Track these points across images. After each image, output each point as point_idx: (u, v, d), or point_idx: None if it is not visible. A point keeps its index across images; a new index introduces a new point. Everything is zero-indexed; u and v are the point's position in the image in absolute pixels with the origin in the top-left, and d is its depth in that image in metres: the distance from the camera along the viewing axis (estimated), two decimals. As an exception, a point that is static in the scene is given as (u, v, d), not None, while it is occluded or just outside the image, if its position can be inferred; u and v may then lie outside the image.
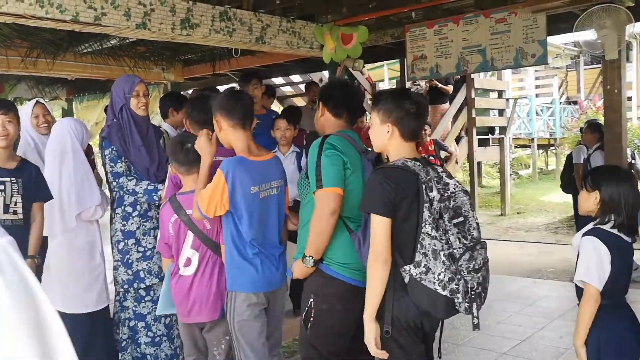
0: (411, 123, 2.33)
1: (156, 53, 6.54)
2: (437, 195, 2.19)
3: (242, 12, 4.74)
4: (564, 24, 5.53)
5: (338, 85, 2.94)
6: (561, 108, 17.66)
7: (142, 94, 3.61)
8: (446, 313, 2.21)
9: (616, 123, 5.21)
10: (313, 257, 2.55)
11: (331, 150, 2.55)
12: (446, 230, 2.18)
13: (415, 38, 5.84)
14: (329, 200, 2.48)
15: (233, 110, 2.79)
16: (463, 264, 2.16)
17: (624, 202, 2.37)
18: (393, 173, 2.23)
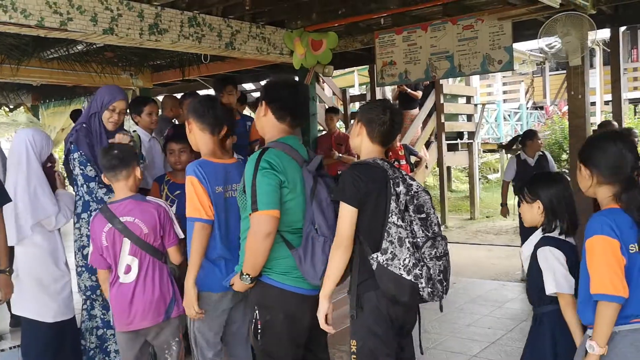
0: (380, 127, 2.52)
1: (124, 59, 6.46)
2: (403, 189, 2.42)
3: (211, 17, 4.72)
4: (529, 31, 5.65)
5: (285, 85, 2.77)
6: (528, 113, 18.00)
7: (118, 110, 3.61)
8: (411, 297, 2.36)
9: (580, 128, 5.33)
10: (250, 274, 2.56)
11: (267, 170, 2.49)
12: (411, 221, 2.40)
13: (385, 44, 5.89)
14: (263, 224, 2.47)
15: (205, 115, 2.86)
16: (426, 251, 2.38)
17: (564, 205, 2.45)
18: (365, 168, 2.45)
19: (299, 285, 2.57)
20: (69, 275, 3.59)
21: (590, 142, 2.38)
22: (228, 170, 2.86)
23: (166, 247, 3.04)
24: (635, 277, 2.14)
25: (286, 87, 2.73)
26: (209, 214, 2.73)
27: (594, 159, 2.27)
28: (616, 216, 2.16)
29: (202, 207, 2.71)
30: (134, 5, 4.12)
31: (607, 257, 2.11)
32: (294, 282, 2.57)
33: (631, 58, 17.66)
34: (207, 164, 2.80)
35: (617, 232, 2.12)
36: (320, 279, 2.48)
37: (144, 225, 2.95)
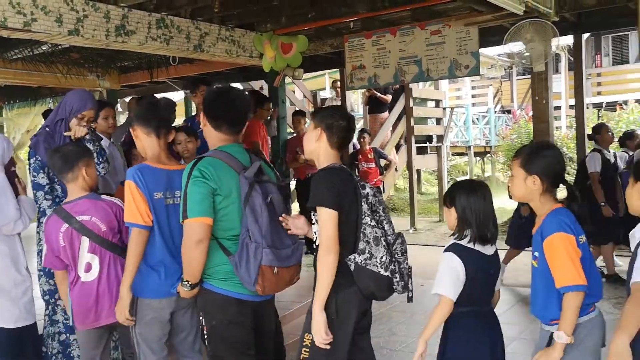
0: (338, 132, 2.56)
1: (90, 60, 6.37)
2: (370, 191, 2.53)
3: (179, 19, 4.69)
4: (495, 37, 5.75)
5: (218, 94, 2.76)
6: (496, 117, 18.27)
7: (86, 119, 3.51)
8: (387, 292, 2.49)
9: (544, 132, 5.45)
10: (190, 281, 2.59)
11: (198, 179, 2.52)
12: (382, 220, 2.52)
13: (354, 48, 5.93)
14: (193, 231, 2.50)
15: (149, 119, 2.84)
16: (397, 247, 2.51)
17: (474, 215, 2.50)
18: (335, 172, 2.49)
19: (239, 291, 2.59)
20: (30, 280, 3.52)
21: (537, 151, 2.44)
22: (170, 176, 2.83)
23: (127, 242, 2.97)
24: (589, 266, 2.30)
25: (219, 96, 2.74)
26: (146, 220, 2.70)
27: (543, 167, 2.36)
28: (567, 213, 2.34)
29: (138, 212, 2.70)
30: (100, 6, 4.07)
31: (569, 251, 2.24)
32: (234, 288, 2.59)
33: (595, 64, 18.12)
34: (147, 169, 2.77)
35: (572, 227, 2.28)
36: (253, 285, 2.50)
37: (101, 223, 2.93)
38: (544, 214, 2.36)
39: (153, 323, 2.82)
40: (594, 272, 2.35)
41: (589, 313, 2.32)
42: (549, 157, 2.39)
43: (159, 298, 2.80)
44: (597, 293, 2.35)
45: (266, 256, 2.50)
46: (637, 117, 10.34)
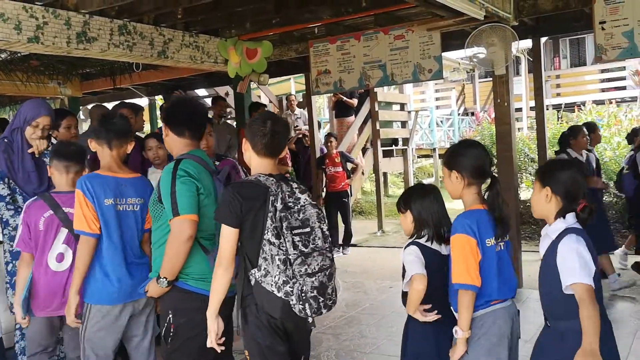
0: (261, 140, 2.53)
1: (51, 67, 6.25)
2: (279, 206, 2.42)
3: (142, 26, 4.65)
4: (457, 41, 5.85)
5: (178, 103, 2.95)
6: (460, 119, 18.57)
7: (42, 126, 3.46)
8: (282, 314, 2.40)
9: (506, 134, 5.56)
10: (167, 278, 2.65)
11: (186, 177, 2.62)
12: (285, 238, 2.40)
13: (319, 53, 5.97)
14: (184, 227, 2.58)
15: (101, 132, 2.96)
16: (296, 268, 2.37)
17: (430, 215, 2.67)
18: (242, 187, 2.48)
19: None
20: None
21: (456, 150, 2.61)
22: (122, 183, 2.94)
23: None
24: (492, 266, 2.45)
25: (180, 105, 2.91)
26: (92, 228, 2.80)
27: (461, 163, 2.53)
28: (478, 216, 2.46)
29: (85, 220, 2.79)
30: (60, 13, 4.01)
31: (465, 252, 2.41)
32: (209, 287, 2.60)
33: (553, 66, 18.58)
34: (95, 177, 2.88)
35: (475, 231, 2.42)
36: (234, 279, 2.54)
37: None
38: (462, 212, 2.53)
39: (102, 329, 2.87)
40: (504, 273, 2.50)
41: (490, 306, 2.47)
42: (465, 154, 2.54)
43: (111, 304, 2.87)
44: (507, 292, 2.50)
45: None
46: (595, 118, 10.62)
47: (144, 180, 3.10)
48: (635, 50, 4.66)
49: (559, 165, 2.51)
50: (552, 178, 2.38)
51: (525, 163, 9.88)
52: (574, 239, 2.27)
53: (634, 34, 4.63)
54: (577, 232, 2.29)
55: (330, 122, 10.89)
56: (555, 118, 12.60)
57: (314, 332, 4.87)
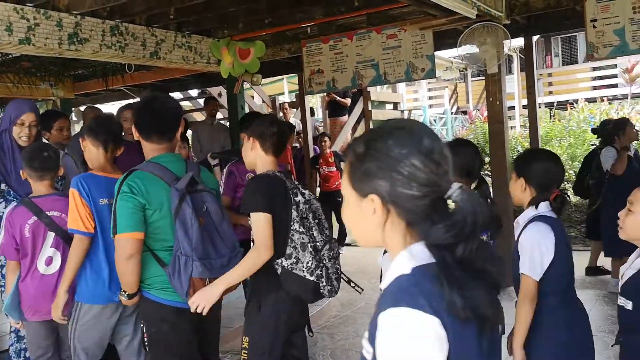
0: (271, 139, 2.71)
1: (43, 68, 6.22)
2: (302, 199, 2.66)
3: (134, 26, 4.63)
4: (449, 40, 5.86)
5: (143, 104, 2.80)
6: (453, 118, 18.62)
7: (27, 123, 3.44)
8: (313, 296, 2.63)
9: (499, 132, 5.59)
10: (127, 291, 2.65)
11: (126, 194, 2.52)
12: (310, 227, 2.64)
13: (312, 53, 5.96)
14: (123, 246, 2.54)
15: (98, 133, 2.95)
16: (325, 253, 2.64)
17: None
18: (266, 179, 2.64)
19: (177, 299, 2.63)
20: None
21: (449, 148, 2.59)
22: (115, 184, 2.83)
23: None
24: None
25: (144, 106, 2.76)
26: (87, 227, 2.80)
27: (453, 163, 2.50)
28: None
29: (80, 219, 2.78)
30: (51, 14, 3.99)
31: None
32: (171, 297, 2.64)
33: (545, 64, 18.65)
34: (90, 177, 2.88)
35: None
36: (186, 295, 2.54)
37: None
38: None
39: (92, 328, 2.89)
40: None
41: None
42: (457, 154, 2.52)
43: (101, 304, 2.88)
44: None
45: (196, 269, 2.51)
46: (587, 116, 10.68)
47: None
48: (627, 47, 4.68)
49: (532, 156, 2.54)
50: (526, 168, 2.43)
51: (518, 161, 9.92)
52: (535, 228, 2.30)
53: (625, 32, 4.66)
54: (544, 221, 2.31)
55: (323, 122, 10.88)
56: (548, 116, 12.65)
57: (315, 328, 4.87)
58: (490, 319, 1.12)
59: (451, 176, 1.17)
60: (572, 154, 9.05)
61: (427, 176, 1.12)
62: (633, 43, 4.64)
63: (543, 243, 2.27)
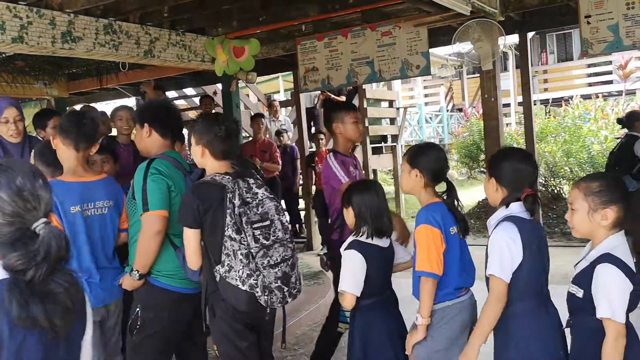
0: (219, 144, 2.64)
1: (37, 67, 6.19)
2: (237, 202, 2.51)
3: (128, 25, 4.61)
4: (444, 37, 5.85)
5: (163, 106, 3.05)
6: (448, 115, 18.65)
7: (12, 120, 3.38)
8: (248, 306, 2.51)
9: (494, 129, 5.58)
10: (139, 271, 2.76)
11: (157, 175, 2.72)
12: (245, 232, 2.50)
13: (306, 50, 5.95)
14: (154, 222, 2.69)
15: (69, 131, 2.89)
16: (259, 261, 2.48)
17: (369, 211, 2.72)
18: (199, 189, 2.57)
19: (183, 286, 2.82)
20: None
21: (420, 150, 2.70)
22: (89, 187, 2.89)
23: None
24: (456, 255, 2.54)
25: (165, 108, 3.01)
26: None
27: (423, 164, 2.61)
28: (439, 208, 2.57)
29: None
30: (44, 12, 3.97)
31: (429, 242, 2.48)
32: (179, 284, 2.81)
33: (541, 61, 18.68)
34: (58, 185, 2.77)
35: (439, 221, 2.51)
36: (199, 275, 2.69)
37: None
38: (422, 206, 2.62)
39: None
40: (465, 264, 2.60)
41: (452, 299, 2.55)
42: (429, 156, 2.64)
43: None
44: (465, 282, 2.60)
45: None
46: (582, 112, 10.70)
47: (112, 181, 3.07)
48: (621, 43, 4.69)
49: (503, 156, 2.55)
50: (497, 169, 2.46)
51: (514, 158, 9.93)
52: (503, 229, 2.31)
53: (619, 28, 4.66)
54: (513, 221, 2.31)
55: (319, 119, 10.86)
56: (543, 113, 12.66)
57: (306, 329, 4.86)
58: (55, 329, 1.41)
59: (41, 213, 1.45)
60: (568, 150, 9.06)
61: (13, 209, 1.42)
62: (627, 39, 4.65)
63: (511, 244, 2.29)
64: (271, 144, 7.77)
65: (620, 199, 2.11)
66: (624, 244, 2.13)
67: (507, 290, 2.29)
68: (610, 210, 2.10)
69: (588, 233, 2.17)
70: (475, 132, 11.35)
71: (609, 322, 2.03)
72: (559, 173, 9.08)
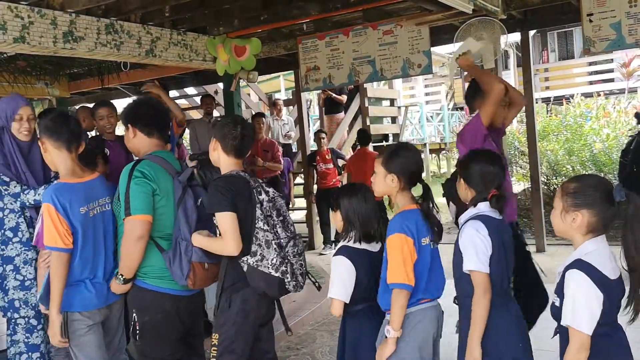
0: (235, 144, 2.74)
1: (38, 67, 6.19)
2: (265, 197, 2.70)
3: (129, 24, 4.61)
4: (446, 35, 5.85)
5: (145, 105, 2.98)
6: (449, 114, 18.62)
7: (25, 118, 3.39)
8: (279, 292, 2.67)
9: (496, 127, 5.56)
10: (124, 275, 2.75)
11: (140, 179, 2.69)
12: (274, 224, 2.69)
13: (308, 50, 5.95)
14: (136, 227, 2.67)
15: (59, 132, 2.81)
16: (289, 249, 2.69)
17: (357, 215, 2.72)
18: (230, 179, 2.68)
19: (172, 287, 2.79)
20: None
21: (395, 153, 2.64)
22: (90, 186, 2.87)
23: None
24: (426, 265, 2.52)
25: (146, 106, 2.94)
26: (66, 243, 2.72)
27: (400, 167, 2.57)
28: (414, 215, 2.53)
29: (58, 235, 2.70)
30: (46, 12, 3.96)
31: (403, 252, 2.46)
32: (167, 285, 2.79)
33: (542, 59, 18.66)
34: (64, 189, 2.76)
35: (413, 230, 2.48)
36: (185, 279, 2.71)
37: None
38: (397, 213, 2.60)
39: (87, 333, 2.88)
40: (434, 273, 2.57)
41: (420, 304, 2.53)
42: (406, 159, 2.60)
43: (89, 310, 2.85)
44: (434, 291, 2.57)
45: (196, 253, 2.71)
46: (583, 111, 10.68)
47: (103, 179, 3.07)
48: (623, 41, 4.68)
49: (470, 158, 2.61)
50: (464, 171, 2.56)
51: (516, 156, 9.92)
52: (471, 226, 2.39)
53: (621, 26, 4.65)
54: (482, 219, 2.40)
55: (320, 119, 10.87)
56: (545, 111, 12.66)
57: (309, 329, 4.87)
58: None
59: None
60: (569, 148, 9.05)
61: None
62: (629, 37, 4.64)
63: (479, 241, 2.36)
64: (273, 143, 7.76)
65: (592, 204, 2.03)
66: (600, 249, 2.05)
67: (489, 280, 2.36)
68: (580, 214, 2.04)
69: (564, 233, 2.15)
70: (476, 131, 11.32)
71: (573, 331, 1.97)
72: (561, 171, 9.06)
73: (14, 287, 3.32)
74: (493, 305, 2.37)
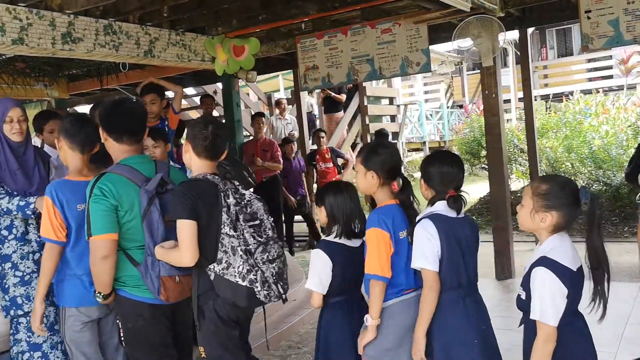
0: (206, 145, 2.63)
1: (37, 69, 6.19)
2: (233, 201, 2.57)
3: (127, 25, 4.61)
4: (444, 33, 5.85)
5: (113, 106, 2.81)
6: (449, 112, 18.61)
7: (16, 119, 3.40)
8: (248, 302, 2.56)
9: (495, 125, 5.59)
10: (102, 292, 2.72)
11: (98, 197, 2.62)
12: (242, 229, 2.55)
13: (306, 49, 5.95)
14: (98, 248, 2.62)
15: (76, 135, 2.91)
16: (258, 256, 2.55)
17: (341, 212, 2.77)
18: (191, 184, 2.59)
19: (150, 296, 2.72)
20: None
21: (373, 151, 2.72)
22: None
23: None
24: (403, 258, 2.59)
25: (115, 108, 2.80)
26: (59, 236, 2.80)
27: (378, 164, 2.64)
28: (392, 210, 2.61)
29: (52, 228, 2.79)
30: (44, 14, 3.97)
31: (379, 245, 2.54)
32: (145, 294, 2.73)
33: (540, 57, 18.65)
34: (65, 184, 2.85)
35: (389, 225, 2.56)
36: (158, 294, 2.65)
37: None
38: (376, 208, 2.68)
39: (82, 330, 2.92)
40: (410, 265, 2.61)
41: (399, 296, 2.61)
42: (382, 155, 2.66)
43: (85, 306, 2.89)
44: (410, 284, 2.62)
45: (163, 267, 2.64)
46: (582, 107, 10.68)
47: None
48: (621, 38, 4.68)
49: (430, 160, 2.71)
50: (424, 172, 2.65)
51: (515, 154, 9.92)
52: (421, 225, 2.50)
53: (619, 22, 4.66)
54: (433, 219, 2.50)
55: (319, 118, 10.87)
56: (544, 109, 12.65)
57: (308, 328, 4.86)
58: None
59: None
60: (569, 145, 9.05)
61: None
62: (627, 33, 4.65)
63: (430, 238, 2.46)
64: (272, 142, 7.76)
65: (562, 206, 2.17)
66: (563, 244, 2.19)
67: (437, 277, 2.46)
68: (550, 215, 2.18)
69: (530, 230, 2.28)
70: (476, 129, 11.33)
71: (540, 324, 2.12)
72: (560, 169, 9.07)
73: (14, 284, 3.33)
74: (447, 301, 2.49)
